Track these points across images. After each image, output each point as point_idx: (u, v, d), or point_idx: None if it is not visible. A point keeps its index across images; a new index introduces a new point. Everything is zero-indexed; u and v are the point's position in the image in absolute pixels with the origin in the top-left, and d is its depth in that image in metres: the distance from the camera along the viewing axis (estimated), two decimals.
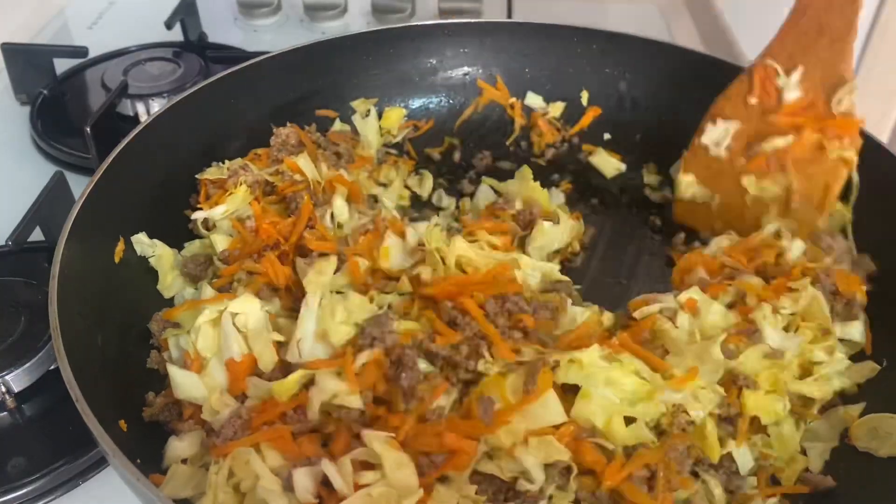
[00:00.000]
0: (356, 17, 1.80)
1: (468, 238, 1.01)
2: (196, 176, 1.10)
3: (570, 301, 0.95)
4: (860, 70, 2.02)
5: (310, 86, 1.25)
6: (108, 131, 1.24)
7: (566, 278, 1.02)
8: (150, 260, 1.01)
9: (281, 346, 0.89)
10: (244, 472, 0.77)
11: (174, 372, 0.87)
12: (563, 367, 0.83)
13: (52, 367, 0.95)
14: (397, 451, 0.75)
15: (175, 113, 1.10)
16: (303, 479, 0.74)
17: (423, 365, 0.84)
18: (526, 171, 1.21)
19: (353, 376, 0.81)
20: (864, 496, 0.83)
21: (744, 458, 0.84)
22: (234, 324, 0.89)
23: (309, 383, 0.83)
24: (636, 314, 0.92)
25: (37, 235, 1.07)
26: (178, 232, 1.07)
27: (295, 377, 0.83)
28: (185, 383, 0.86)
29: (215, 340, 0.89)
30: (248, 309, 0.90)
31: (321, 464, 0.74)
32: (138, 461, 0.72)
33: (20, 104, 1.49)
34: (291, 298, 0.95)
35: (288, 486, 0.75)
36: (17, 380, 0.93)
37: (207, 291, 0.96)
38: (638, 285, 1.10)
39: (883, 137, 1.15)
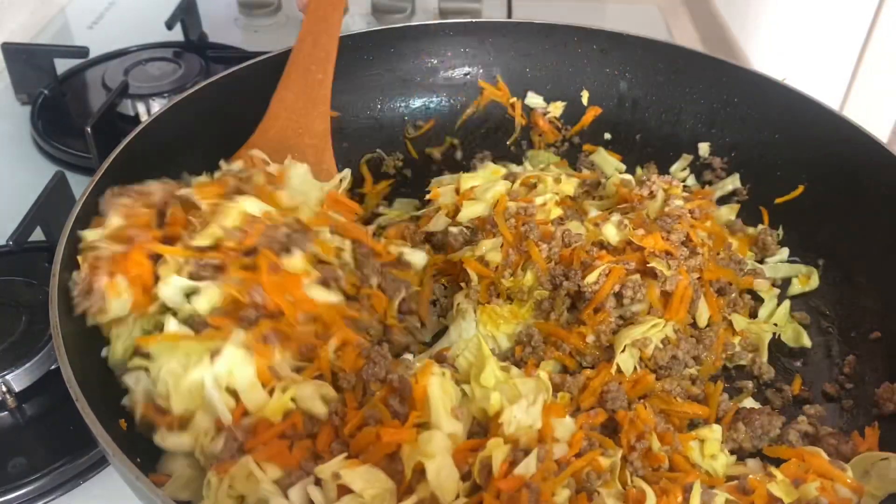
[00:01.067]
0: (356, 17, 1.80)
1: None
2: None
3: None
4: (860, 70, 2.01)
5: None
6: (109, 131, 1.24)
7: None
8: None
9: None
10: (245, 487, 0.76)
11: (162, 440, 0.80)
12: None
13: (53, 367, 0.95)
14: (357, 466, 0.75)
15: (175, 113, 1.09)
16: (297, 495, 0.75)
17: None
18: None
19: (326, 363, 0.85)
20: None
21: None
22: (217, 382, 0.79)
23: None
24: None
25: (37, 235, 1.07)
26: None
27: (286, 395, 0.81)
28: (172, 444, 0.80)
29: (191, 396, 0.80)
30: (235, 366, 0.80)
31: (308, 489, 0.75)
32: (138, 460, 0.72)
33: (21, 104, 1.49)
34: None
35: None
36: (18, 380, 0.93)
37: (171, 324, 0.83)
38: None
39: (883, 137, 1.15)
